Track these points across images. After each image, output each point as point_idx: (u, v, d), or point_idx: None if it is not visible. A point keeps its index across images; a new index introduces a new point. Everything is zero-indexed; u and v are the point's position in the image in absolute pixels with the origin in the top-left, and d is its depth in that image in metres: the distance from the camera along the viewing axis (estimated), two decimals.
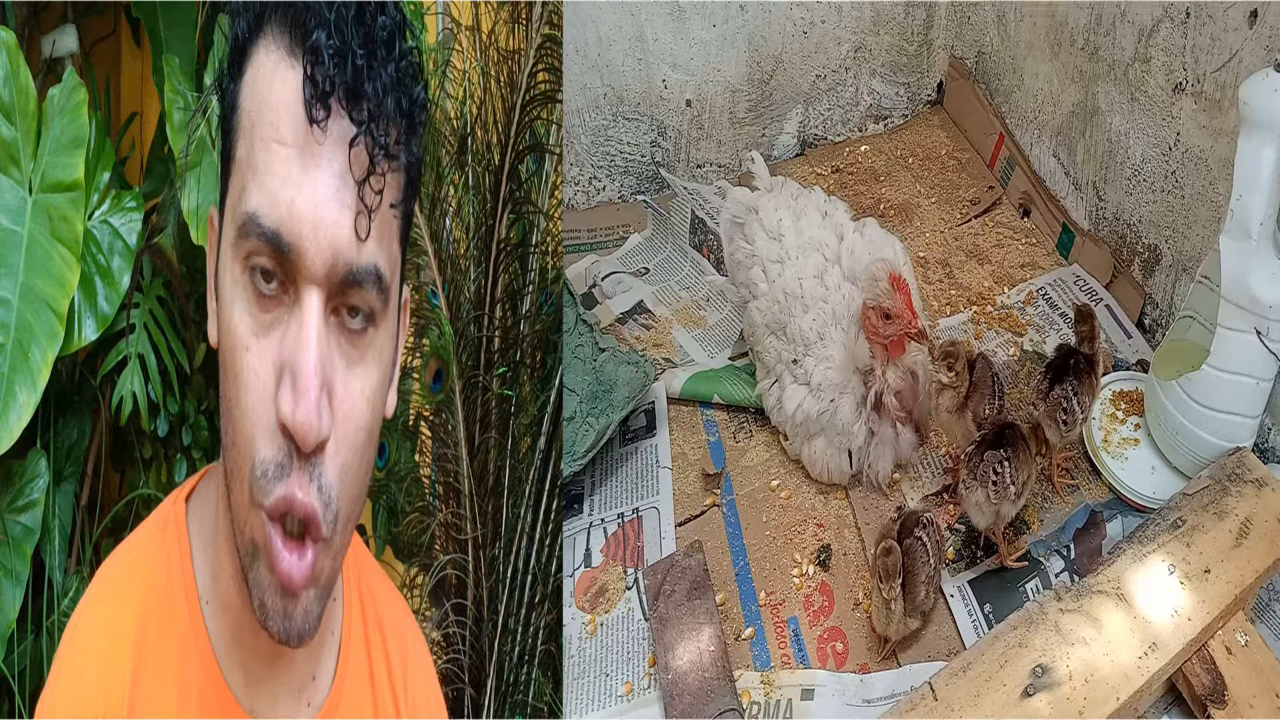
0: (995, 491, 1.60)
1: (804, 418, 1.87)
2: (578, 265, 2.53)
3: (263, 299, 0.76)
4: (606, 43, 2.43)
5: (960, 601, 1.72)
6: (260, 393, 0.76)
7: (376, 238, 0.77)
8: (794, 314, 1.87)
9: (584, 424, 1.94)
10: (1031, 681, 1.42)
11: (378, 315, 0.80)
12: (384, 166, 0.77)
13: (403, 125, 0.78)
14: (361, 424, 0.80)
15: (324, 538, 0.79)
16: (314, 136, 0.74)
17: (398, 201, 0.80)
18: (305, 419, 0.74)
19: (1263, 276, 1.56)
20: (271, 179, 0.74)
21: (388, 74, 0.76)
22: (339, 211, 0.75)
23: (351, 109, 0.75)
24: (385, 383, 0.84)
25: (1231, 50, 1.70)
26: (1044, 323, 2.18)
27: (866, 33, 2.63)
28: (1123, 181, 2.10)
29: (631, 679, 1.70)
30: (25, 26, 1.69)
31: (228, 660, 0.87)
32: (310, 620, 0.81)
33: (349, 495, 0.81)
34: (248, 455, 0.77)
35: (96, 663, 0.84)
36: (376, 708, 0.98)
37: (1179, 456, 1.77)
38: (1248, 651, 1.51)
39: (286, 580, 0.78)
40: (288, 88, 0.75)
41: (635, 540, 1.90)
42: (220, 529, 0.86)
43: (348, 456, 0.79)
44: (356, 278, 0.76)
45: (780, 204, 2.00)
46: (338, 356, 0.78)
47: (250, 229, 0.75)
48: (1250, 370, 1.62)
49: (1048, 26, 2.26)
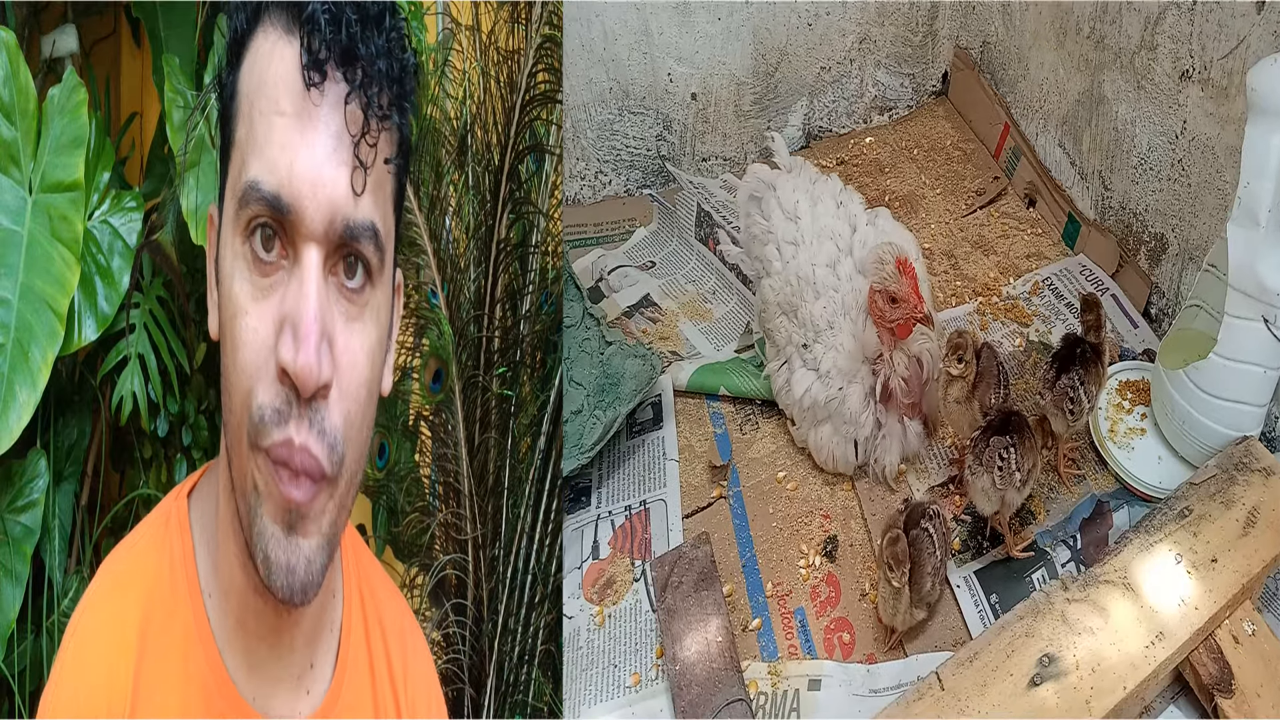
0: (1000, 477, 1.60)
1: (811, 403, 1.87)
2: (584, 259, 2.53)
3: (262, 265, 0.78)
4: (612, 37, 2.43)
5: (966, 592, 1.72)
6: (259, 348, 0.78)
7: (372, 195, 0.80)
8: (806, 299, 1.88)
9: (591, 417, 1.95)
10: (1038, 671, 1.42)
11: (374, 274, 0.82)
12: (377, 125, 0.80)
13: (393, 89, 0.82)
14: (363, 378, 0.82)
15: (327, 475, 0.80)
16: (310, 99, 0.77)
17: (392, 156, 0.83)
18: (306, 362, 0.76)
19: (1271, 264, 1.55)
20: (270, 147, 0.77)
21: (379, 41, 0.80)
22: (336, 169, 0.78)
23: (346, 71, 0.78)
24: (383, 344, 0.86)
25: (1239, 37, 1.69)
26: (1050, 313, 2.17)
27: (871, 24, 2.63)
28: (1129, 170, 2.10)
29: (639, 670, 1.71)
30: (25, 26, 1.69)
31: (229, 649, 0.88)
32: (314, 571, 0.82)
33: (354, 445, 0.82)
34: (245, 406, 0.78)
35: (101, 655, 0.85)
36: (376, 702, 0.99)
37: (1186, 446, 1.77)
38: (1255, 640, 1.50)
39: (290, 501, 0.79)
40: (286, 62, 0.78)
41: (643, 532, 1.91)
42: (222, 518, 0.87)
43: (351, 407, 0.81)
44: (354, 233, 0.79)
45: (798, 185, 2.01)
46: (337, 312, 0.80)
47: (250, 196, 0.77)
48: (1258, 358, 1.61)
49: (1053, 15, 2.25)
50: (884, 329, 1.74)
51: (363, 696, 0.98)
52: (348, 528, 0.89)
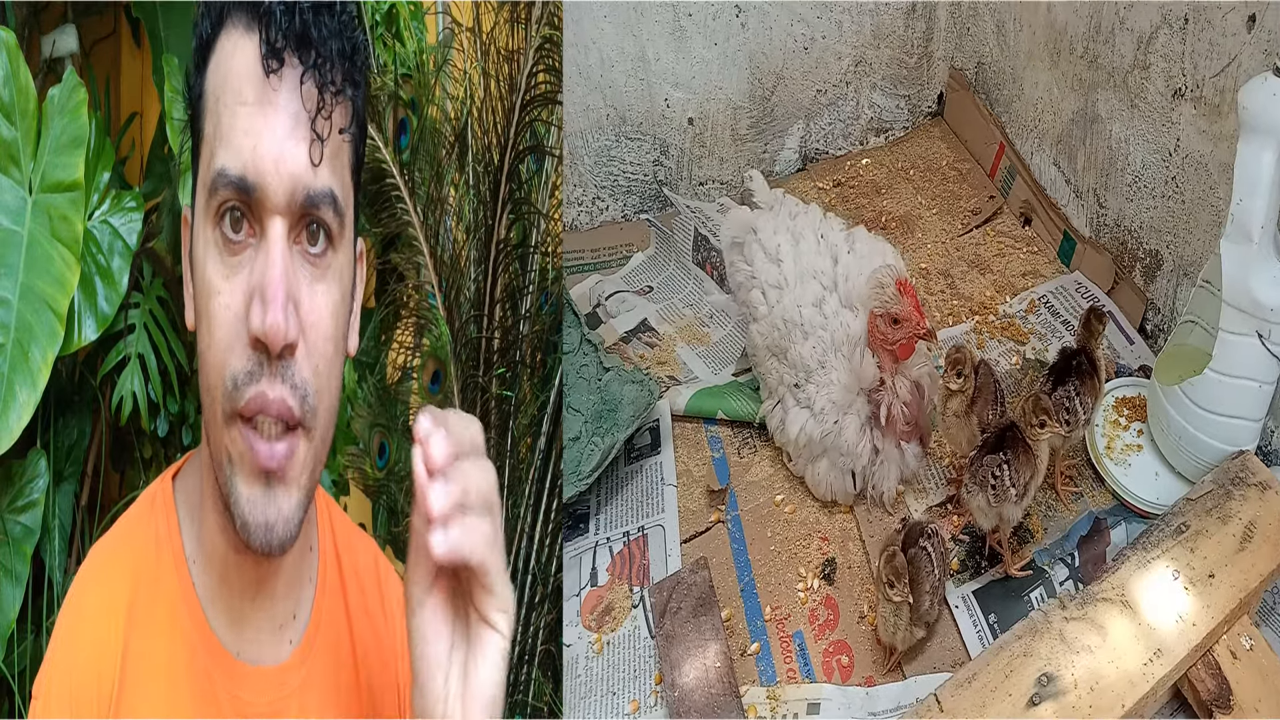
0: (995, 495, 1.60)
1: (807, 440, 1.87)
2: (582, 285, 2.54)
3: (231, 245, 0.84)
4: (609, 64, 2.45)
5: (965, 612, 1.71)
6: (231, 321, 0.83)
7: (329, 164, 0.85)
8: (794, 340, 1.88)
9: (589, 443, 1.95)
10: (1037, 690, 1.41)
11: (335, 238, 0.87)
12: (331, 99, 0.85)
13: (345, 65, 0.87)
14: (328, 333, 0.87)
15: (300, 423, 0.85)
16: (270, 85, 0.83)
17: (346, 127, 0.88)
18: (274, 320, 0.81)
19: (1264, 280, 1.55)
20: (235, 134, 0.83)
21: (331, 23, 0.85)
22: (296, 146, 0.83)
23: (301, 54, 0.83)
24: (346, 303, 0.91)
25: (1230, 55, 1.70)
26: (1046, 331, 2.17)
27: (866, 47, 2.64)
28: (1123, 188, 2.10)
29: (638, 697, 1.70)
30: (25, 26, 1.71)
31: (213, 607, 0.93)
32: (291, 526, 0.87)
33: (324, 396, 0.87)
34: (220, 377, 0.83)
35: (91, 624, 0.90)
36: (353, 635, 1.04)
37: (1182, 461, 1.76)
38: (1253, 655, 1.49)
39: (265, 459, 0.84)
40: (247, 55, 0.83)
41: (641, 558, 1.91)
42: (205, 493, 0.92)
43: (319, 362, 0.86)
44: (314, 200, 0.84)
45: (779, 225, 2.01)
46: (301, 276, 0.85)
47: (218, 183, 0.83)
48: (1252, 374, 1.61)
49: (1047, 35, 2.26)
50: (885, 352, 1.74)
51: (340, 633, 1.03)
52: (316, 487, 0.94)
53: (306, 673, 0.98)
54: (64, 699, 0.88)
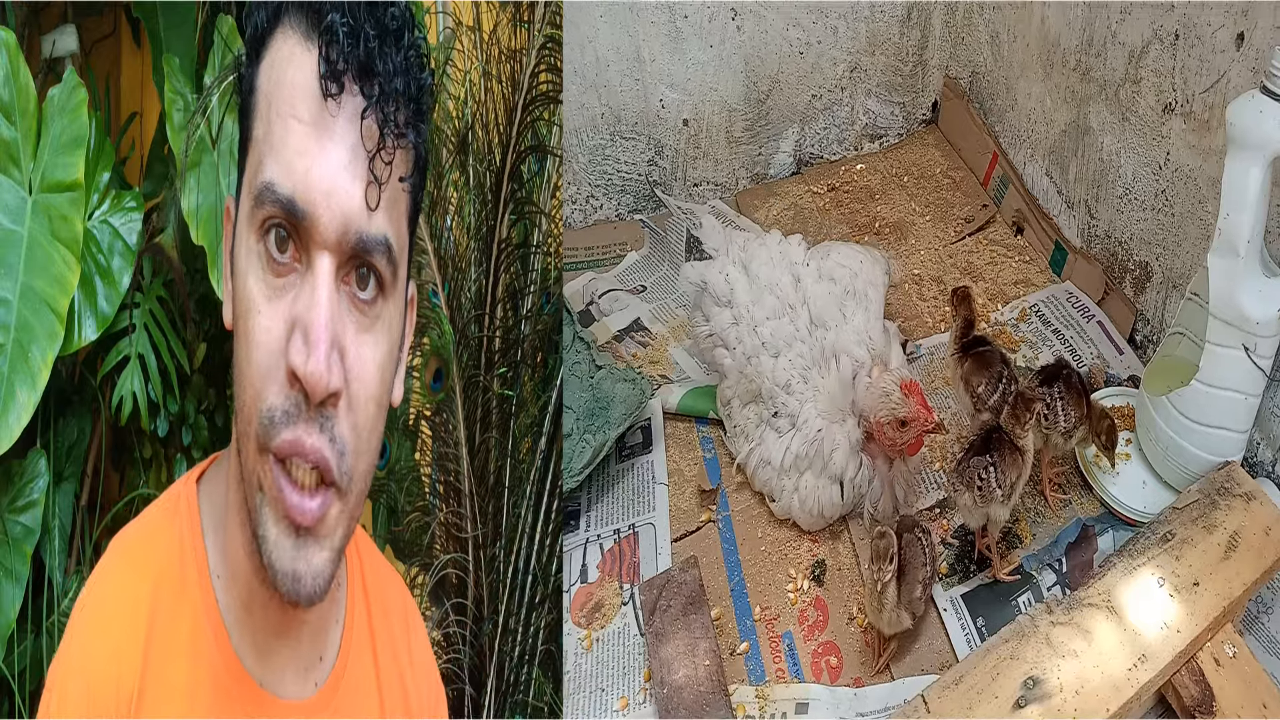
0: (981, 496, 1.63)
1: (793, 459, 1.86)
2: (575, 283, 2.55)
3: (276, 265, 0.80)
4: (604, 63, 2.46)
5: (953, 615, 1.73)
6: (271, 348, 0.79)
7: (386, 210, 0.82)
8: (764, 368, 1.89)
9: (581, 441, 1.96)
10: (1023, 694, 1.43)
11: (387, 287, 0.84)
12: (393, 142, 0.81)
13: (410, 108, 0.83)
14: (372, 392, 0.83)
15: (336, 484, 0.82)
16: (328, 110, 0.79)
17: (407, 175, 0.84)
18: (316, 368, 0.78)
19: (1250, 293, 1.57)
20: (287, 151, 0.79)
21: (397, 58, 0.81)
22: (351, 182, 0.79)
23: (363, 85, 0.80)
24: (394, 358, 0.87)
25: (1219, 72, 1.72)
26: (1037, 339, 2.19)
27: (862, 53, 2.66)
28: (1114, 200, 2.12)
29: (627, 694, 1.72)
30: (25, 26, 1.69)
31: (238, 632, 0.89)
32: (320, 583, 0.83)
33: (362, 457, 0.84)
34: (255, 405, 0.80)
35: (111, 627, 0.87)
36: (380, 681, 1.01)
37: (1169, 471, 1.78)
38: (1236, 663, 1.52)
39: (296, 513, 0.80)
40: (304, 70, 0.79)
41: (631, 556, 1.92)
42: (230, 505, 0.89)
43: (360, 419, 0.83)
44: (367, 245, 0.80)
45: (726, 265, 2.03)
46: (349, 322, 0.81)
47: (266, 197, 0.79)
48: (1239, 385, 1.63)
49: (1040, 48, 2.28)
50: (894, 453, 1.78)
51: (366, 677, 1.00)
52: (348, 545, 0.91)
53: (332, 713, 0.95)
54: (81, 698, 0.85)
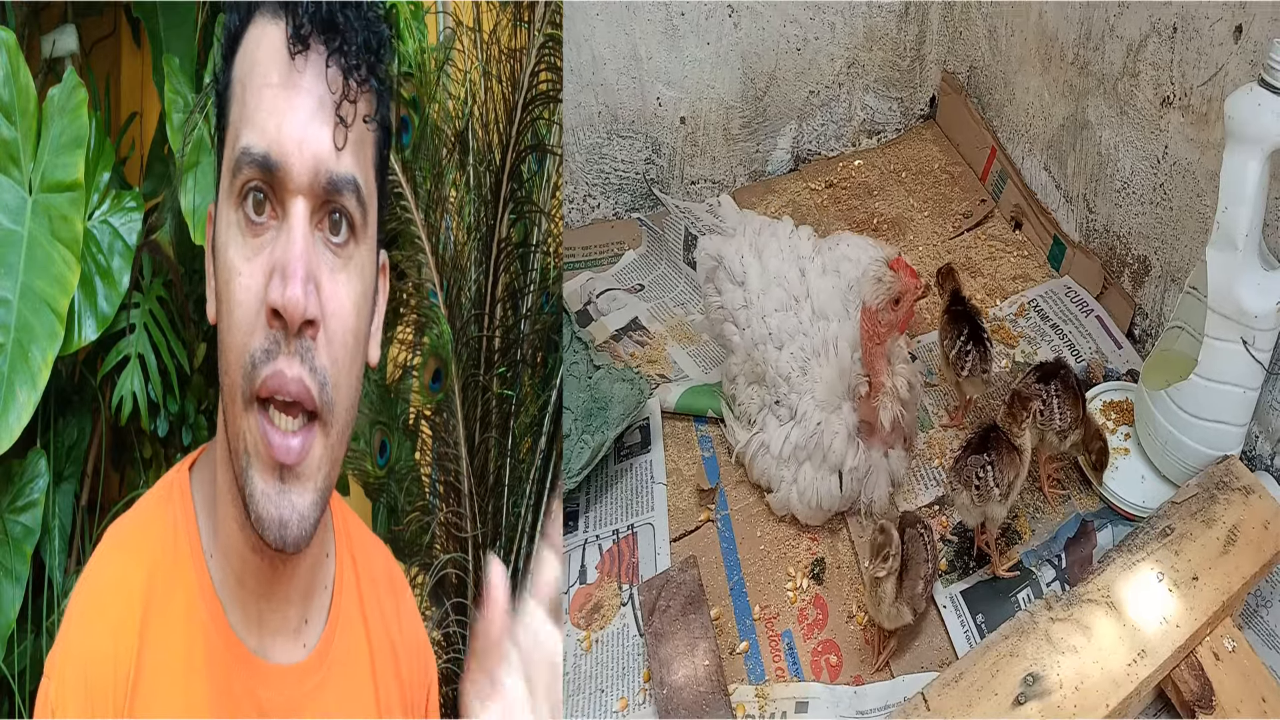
0: (979, 495, 1.62)
1: (792, 449, 1.85)
2: (572, 282, 2.55)
3: (254, 226, 0.85)
4: (601, 61, 2.45)
5: (953, 612, 1.73)
6: (252, 302, 0.83)
7: (353, 152, 0.87)
8: (769, 357, 1.88)
9: (579, 441, 1.95)
10: (1023, 690, 1.43)
11: (358, 229, 0.88)
12: (356, 85, 0.86)
13: (370, 57, 0.88)
14: (349, 325, 0.87)
15: (319, 414, 0.86)
16: (295, 67, 0.84)
17: (370, 115, 0.90)
18: (293, 294, 0.82)
19: (1248, 287, 1.57)
20: (260, 114, 0.84)
21: (356, 14, 0.87)
22: (320, 128, 0.85)
23: (327, 38, 0.85)
24: (369, 300, 0.91)
25: (1217, 65, 1.72)
26: (1035, 334, 2.19)
27: (859, 49, 2.65)
28: (1112, 194, 2.12)
29: (626, 694, 1.71)
30: (25, 26, 1.70)
31: (230, 604, 0.93)
32: (306, 525, 0.87)
33: (342, 392, 0.87)
34: (239, 359, 0.84)
35: (107, 611, 0.90)
36: (371, 647, 1.04)
37: (1168, 465, 1.78)
38: (1235, 657, 1.52)
39: (280, 452, 0.84)
40: (273, 40, 0.85)
41: (630, 556, 1.92)
42: (221, 484, 0.92)
43: (338, 353, 0.87)
44: (337, 185, 0.85)
45: (743, 246, 2.01)
46: (323, 262, 0.86)
47: (242, 162, 0.84)
48: (1237, 379, 1.63)
49: (1038, 42, 2.27)
50: (879, 351, 1.73)
51: (357, 639, 1.03)
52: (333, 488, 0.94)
53: (323, 676, 0.98)
54: (79, 682, 0.87)
